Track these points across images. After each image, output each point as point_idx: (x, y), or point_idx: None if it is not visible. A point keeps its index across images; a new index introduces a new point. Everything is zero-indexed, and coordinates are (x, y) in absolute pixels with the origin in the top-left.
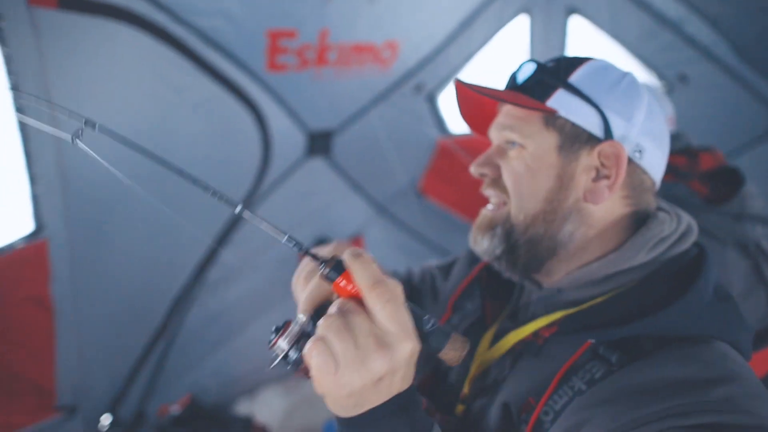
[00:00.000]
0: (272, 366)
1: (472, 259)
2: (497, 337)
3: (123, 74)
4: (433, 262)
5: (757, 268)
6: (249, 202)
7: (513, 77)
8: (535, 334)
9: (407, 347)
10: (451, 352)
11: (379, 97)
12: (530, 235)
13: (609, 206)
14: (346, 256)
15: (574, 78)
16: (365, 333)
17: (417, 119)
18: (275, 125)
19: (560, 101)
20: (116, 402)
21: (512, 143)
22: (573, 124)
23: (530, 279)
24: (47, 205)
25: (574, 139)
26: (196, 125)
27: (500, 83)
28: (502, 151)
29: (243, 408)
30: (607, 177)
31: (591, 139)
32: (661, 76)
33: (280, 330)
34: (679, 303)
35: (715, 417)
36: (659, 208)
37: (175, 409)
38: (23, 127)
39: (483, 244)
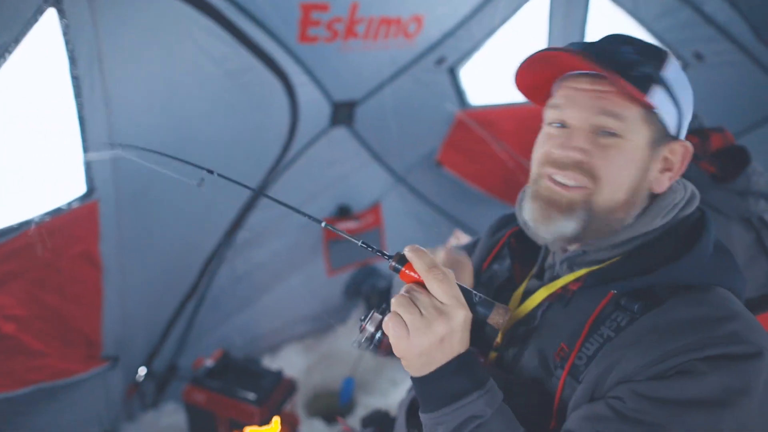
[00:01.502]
0: (361, 347)
1: (496, 229)
2: (526, 294)
3: (167, 43)
4: (461, 243)
5: (759, 240)
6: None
7: (608, 53)
8: (564, 288)
9: (461, 313)
10: (496, 317)
11: (402, 69)
12: (609, 221)
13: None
14: (406, 251)
15: (667, 74)
16: (427, 305)
17: (438, 92)
18: (303, 95)
19: (658, 97)
20: (152, 355)
21: (608, 132)
22: (661, 122)
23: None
24: (98, 169)
25: (661, 136)
26: (231, 94)
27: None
28: (592, 137)
29: (267, 364)
30: (670, 170)
31: (669, 137)
32: (676, 53)
33: (366, 318)
34: (688, 256)
35: (723, 349)
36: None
37: (209, 362)
38: (78, 95)
39: (558, 225)
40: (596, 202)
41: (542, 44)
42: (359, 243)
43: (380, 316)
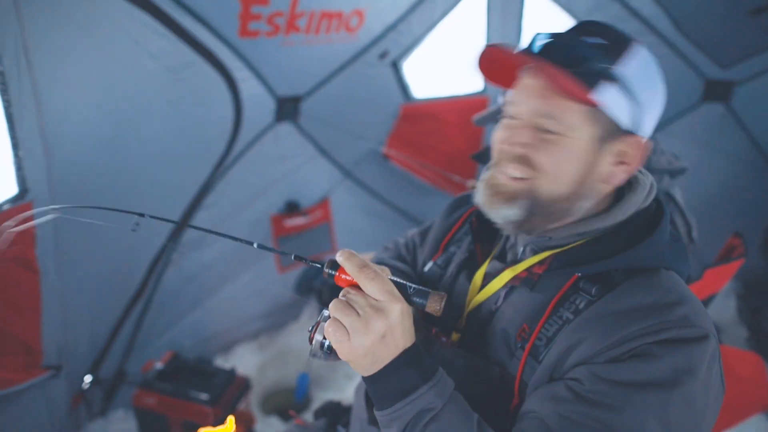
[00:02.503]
0: (313, 356)
1: (452, 209)
2: (488, 275)
3: (101, 38)
4: (414, 230)
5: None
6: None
7: (567, 46)
8: (530, 271)
9: (397, 307)
10: (433, 305)
11: (346, 63)
12: (552, 209)
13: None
14: (337, 256)
15: (624, 69)
16: (363, 305)
17: (381, 85)
18: (246, 90)
19: (608, 95)
20: (98, 362)
21: (547, 130)
22: (613, 118)
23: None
24: (30, 168)
25: (611, 132)
26: (171, 90)
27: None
28: (535, 131)
29: (220, 364)
30: (626, 163)
31: (624, 132)
32: None
33: (312, 328)
34: (647, 242)
35: (675, 332)
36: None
37: (159, 364)
38: (4, 91)
39: (501, 212)
40: (539, 192)
41: (481, 38)
42: (291, 257)
43: (324, 324)
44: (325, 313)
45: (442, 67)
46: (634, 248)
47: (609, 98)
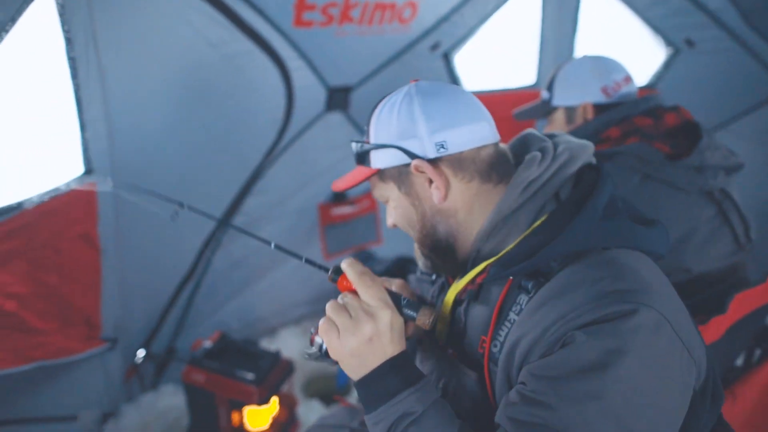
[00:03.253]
0: (308, 356)
1: None
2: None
3: (163, 26)
4: None
5: (721, 212)
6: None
7: (354, 153)
8: (472, 282)
9: (387, 313)
10: (423, 318)
11: (397, 54)
12: (428, 250)
13: (455, 192)
14: (342, 264)
15: (371, 136)
16: (355, 307)
17: (432, 77)
18: (298, 80)
19: (375, 159)
20: (150, 338)
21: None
22: (392, 168)
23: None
24: (95, 149)
25: (399, 175)
26: (227, 78)
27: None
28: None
29: (265, 346)
30: (432, 181)
31: (407, 166)
32: (668, 41)
33: (315, 330)
34: (570, 228)
35: (595, 313)
36: (541, 149)
37: (208, 343)
38: (75, 76)
39: (420, 263)
40: (417, 243)
41: (535, 29)
42: (302, 260)
43: None
44: None
45: (494, 59)
46: (555, 241)
47: (375, 160)
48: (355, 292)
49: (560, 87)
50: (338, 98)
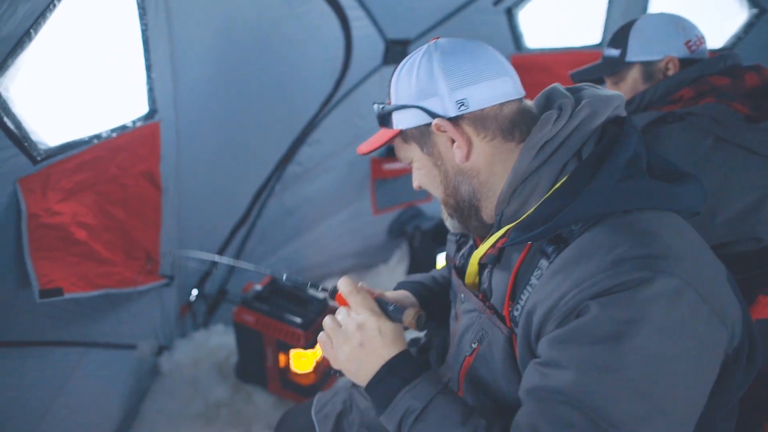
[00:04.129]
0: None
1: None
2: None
3: None
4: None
5: None
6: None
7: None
8: (493, 246)
9: (373, 320)
10: (408, 319)
11: (459, 8)
12: (453, 210)
13: (477, 152)
14: (338, 283)
15: (392, 97)
16: (345, 318)
17: (493, 33)
18: (357, 30)
19: (396, 120)
20: (203, 278)
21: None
22: (414, 128)
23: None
24: (160, 90)
25: (422, 136)
26: (288, 25)
27: None
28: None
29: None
30: (454, 141)
31: (428, 126)
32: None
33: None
34: (587, 190)
35: (609, 282)
36: (559, 107)
37: (258, 286)
38: (143, 15)
39: (447, 223)
40: (443, 203)
41: None
42: (308, 285)
43: None
44: None
45: (560, 17)
46: (572, 204)
47: (397, 120)
48: (347, 306)
49: (638, 40)
50: (396, 51)
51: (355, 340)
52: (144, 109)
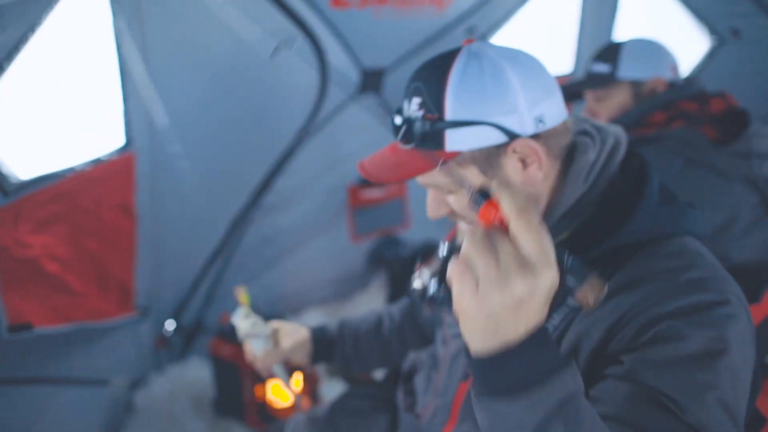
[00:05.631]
0: (413, 295)
1: None
2: None
3: (206, 4)
4: None
5: (764, 201)
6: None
7: (404, 132)
8: None
9: (550, 274)
10: (588, 294)
11: (433, 37)
12: None
13: (545, 173)
14: (494, 184)
15: (448, 110)
16: (508, 252)
17: None
18: (334, 60)
19: (454, 140)
20: (180, 309)
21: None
22: (479, 149)
23: None
24: (136, 120)
25: (488, 158)
26: (264, 56)
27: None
28: (442, 193)
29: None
30: (528, 163)
31: (500, 146)
32: (712, 30)
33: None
34: (632, 219)
35: (688, 298)
36: (583, 132)
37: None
38: (120, 47)
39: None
40: None
41: (575, 16)
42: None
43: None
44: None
45: (531, 45)
46: (620, 229)
47: (456, 141)
48: (504, 231)
49: (631, 58)
50: (372, 80)
51: (515, 293)
52: (120, 140)
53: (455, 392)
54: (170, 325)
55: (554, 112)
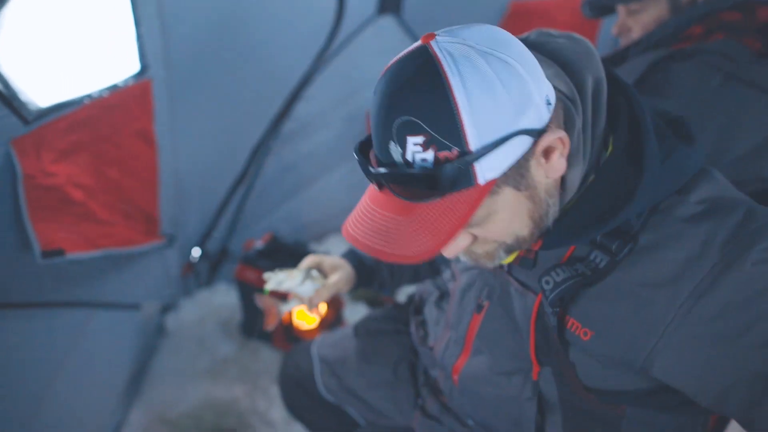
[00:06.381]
0: None
1: None
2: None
3: None
4: None
5: None
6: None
7: (416, 185)
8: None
9: None
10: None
11: None
12: (522, 242)
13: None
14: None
15: (472, 138)
16: None
17: None
18: None
19: (485, 169)
20: (205, 237)
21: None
22: (510, 166)
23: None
24: (150, 46)
25: (519, 170)
26: None
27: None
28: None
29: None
30: (551, 153)
31: (527, 151)
32: None
33: None
34: (644, 181)
35: (741, 240)
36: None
37: (259, 243)
38: None
39: (488, 264)
40: (509, 243)
41: None
42: None
43: None
44: None
45: None
46: (631, 203)
47: (487, 170)
48: None
49: None
50: (390, 0)
51: None
52: (135, 67)
53: (468, 324)
54: (196, 252)
55: (549, 85)
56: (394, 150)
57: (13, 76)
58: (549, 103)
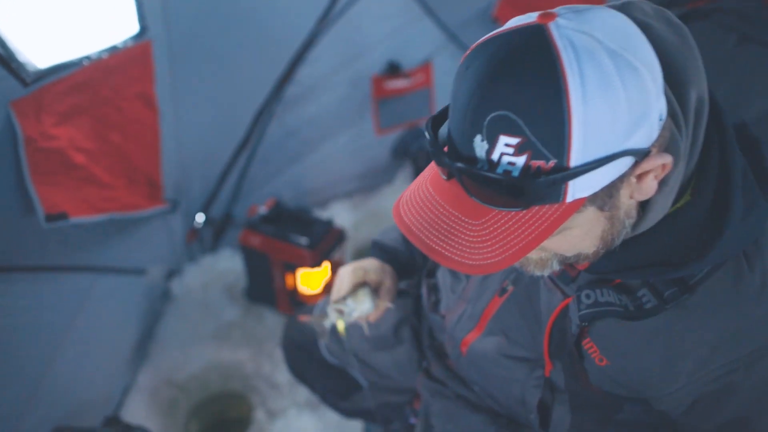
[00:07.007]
0: None
1: None
2: None
3: None
4: None
5: None
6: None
7: (499, 190)
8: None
9: None
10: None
11: None
12: (583, 258)
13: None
14: None
15: (576, 153)
16: None
17: None
18: None
19: (578, 188)
20: (209, 202)
21: None
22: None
23: None
24: (149, 7)
25: (609, 191)
26: None
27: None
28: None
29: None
30: (644, 176)
31: (625, 173)
32: None
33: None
34: (718, 246)
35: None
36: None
37: (263, 209)
38: None
39: (537, 272)
40: (566, 256)
41: None
42: None
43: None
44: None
45: None
46: (709, 252)
47: (580, 188)
48: None
49: None
50: None
51: None
52: (134, 28)
53: (487, 303)
54: (200, 218)
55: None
56: (479, 145)
57: (11, 37)
58: (660, 119)
